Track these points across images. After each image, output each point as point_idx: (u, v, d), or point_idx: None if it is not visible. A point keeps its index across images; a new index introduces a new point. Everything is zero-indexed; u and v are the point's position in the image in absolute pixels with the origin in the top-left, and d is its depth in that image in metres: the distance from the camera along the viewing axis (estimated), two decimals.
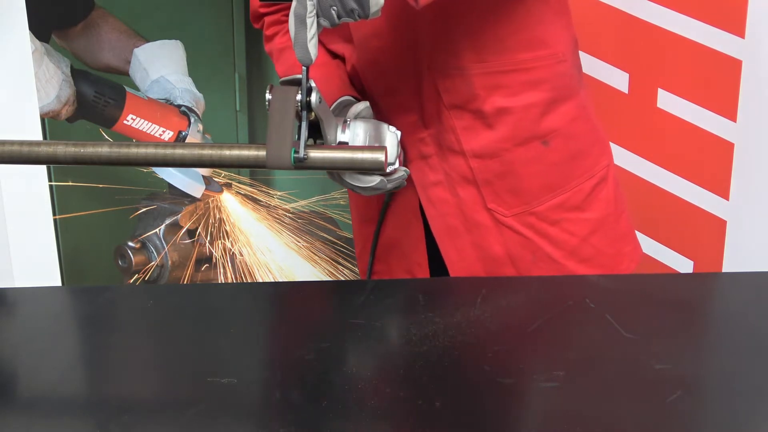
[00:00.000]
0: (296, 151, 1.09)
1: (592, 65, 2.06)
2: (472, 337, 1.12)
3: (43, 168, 2.23)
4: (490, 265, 1.45)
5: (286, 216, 2.46)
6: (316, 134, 1.18)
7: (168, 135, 2.30)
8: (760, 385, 1.05)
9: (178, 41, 2.33)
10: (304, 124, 1.10)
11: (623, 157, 2.07)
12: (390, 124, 1.40)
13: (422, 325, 1.15)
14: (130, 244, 2.34)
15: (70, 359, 1.16)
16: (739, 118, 1.85)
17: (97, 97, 2.24)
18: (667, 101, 1.97)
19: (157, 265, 2.36)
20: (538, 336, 1.15)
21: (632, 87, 2.03)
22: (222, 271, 2.40)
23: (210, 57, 2.38)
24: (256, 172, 2.44)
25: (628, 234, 1.51)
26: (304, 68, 1.10)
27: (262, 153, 1.09)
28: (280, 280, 2.41)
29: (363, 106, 1.33)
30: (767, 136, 1.83)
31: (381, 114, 1.43)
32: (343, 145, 1.25)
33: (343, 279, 2.44)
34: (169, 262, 2.36)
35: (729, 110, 1.86)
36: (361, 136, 1.26)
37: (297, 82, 1.10)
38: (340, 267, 2.46)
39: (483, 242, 1.45)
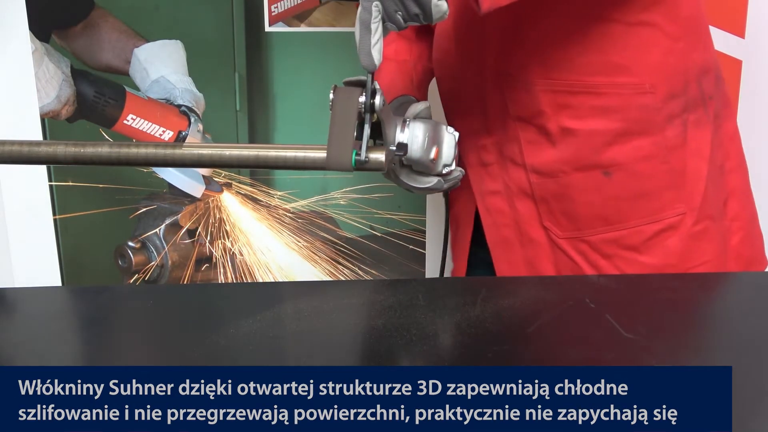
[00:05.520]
0: (357, 153, 1.06)
1: None
2: (472, 337, 1.12)
3: (43, 168, 2.24)
4: None
5: (286, 216, 2.46)
6: (377, 135, 1.16)
7: (168, 135, 2.30)
8: (760, 385, 1.05)
9: (178, 41, 2.33)
10: (366, 127, 1.07)
11: None
12: (452, 126, 1.38)
13: (422, 325, 1.15)
14: (130, 244, 2.34)
15: (70, 359, 1.16)
16: (739, 118, 1.85)
17: (97, 97, 2.25)
18: None
19: (157, 265, 2.36)
20: (538, 336, 1.14)
21: None
22: (222, 271, 2.40)
23: (210, 57, 2.37)
24: (256, 171, 2.43)
25: None
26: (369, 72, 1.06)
27: (322, 154, 1.06)
28: (280, 280, 2.41)
29: (423, 106, 1.29)
30: (767, 137, 1.83)
31: (446, 116, 1.40)
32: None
33: (343, 279, 2.44)
34: (169, 262, 2.36)
35: None
36: (420, 137, 1.23)
37: (360, 83, 1.08)
38: (340, 267, 2.46)
39: (535, 259, 1.41)
